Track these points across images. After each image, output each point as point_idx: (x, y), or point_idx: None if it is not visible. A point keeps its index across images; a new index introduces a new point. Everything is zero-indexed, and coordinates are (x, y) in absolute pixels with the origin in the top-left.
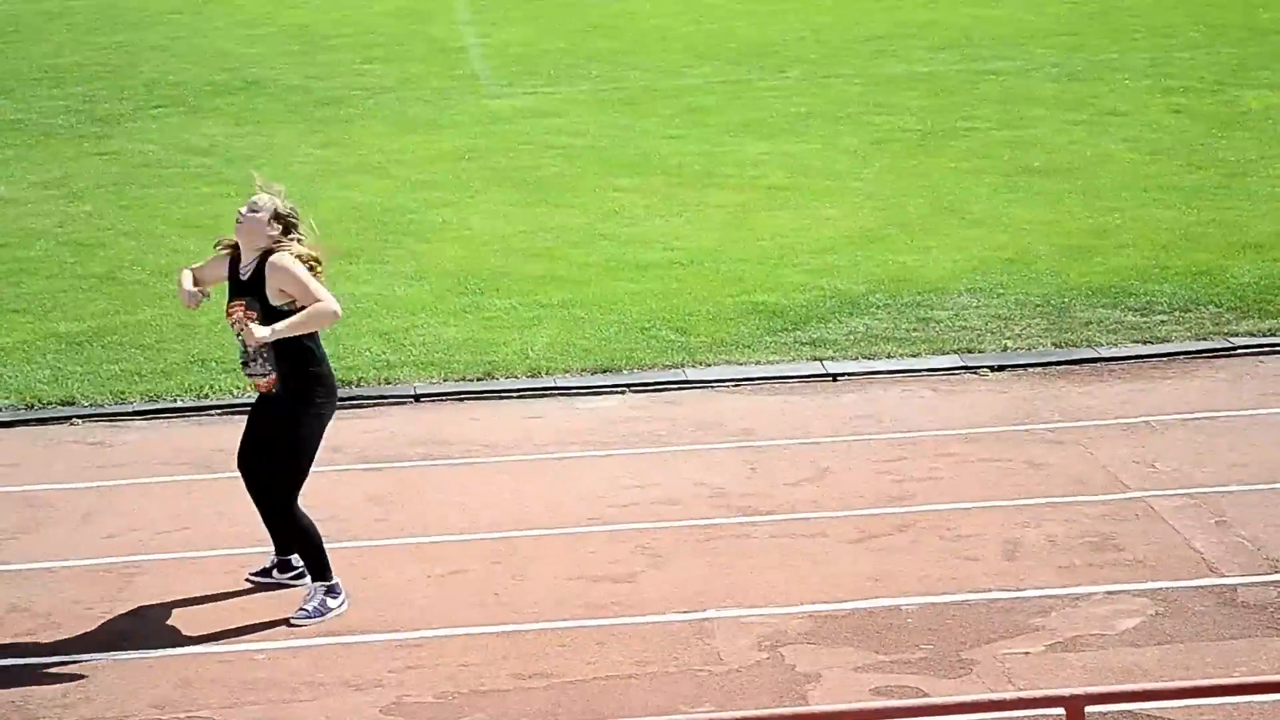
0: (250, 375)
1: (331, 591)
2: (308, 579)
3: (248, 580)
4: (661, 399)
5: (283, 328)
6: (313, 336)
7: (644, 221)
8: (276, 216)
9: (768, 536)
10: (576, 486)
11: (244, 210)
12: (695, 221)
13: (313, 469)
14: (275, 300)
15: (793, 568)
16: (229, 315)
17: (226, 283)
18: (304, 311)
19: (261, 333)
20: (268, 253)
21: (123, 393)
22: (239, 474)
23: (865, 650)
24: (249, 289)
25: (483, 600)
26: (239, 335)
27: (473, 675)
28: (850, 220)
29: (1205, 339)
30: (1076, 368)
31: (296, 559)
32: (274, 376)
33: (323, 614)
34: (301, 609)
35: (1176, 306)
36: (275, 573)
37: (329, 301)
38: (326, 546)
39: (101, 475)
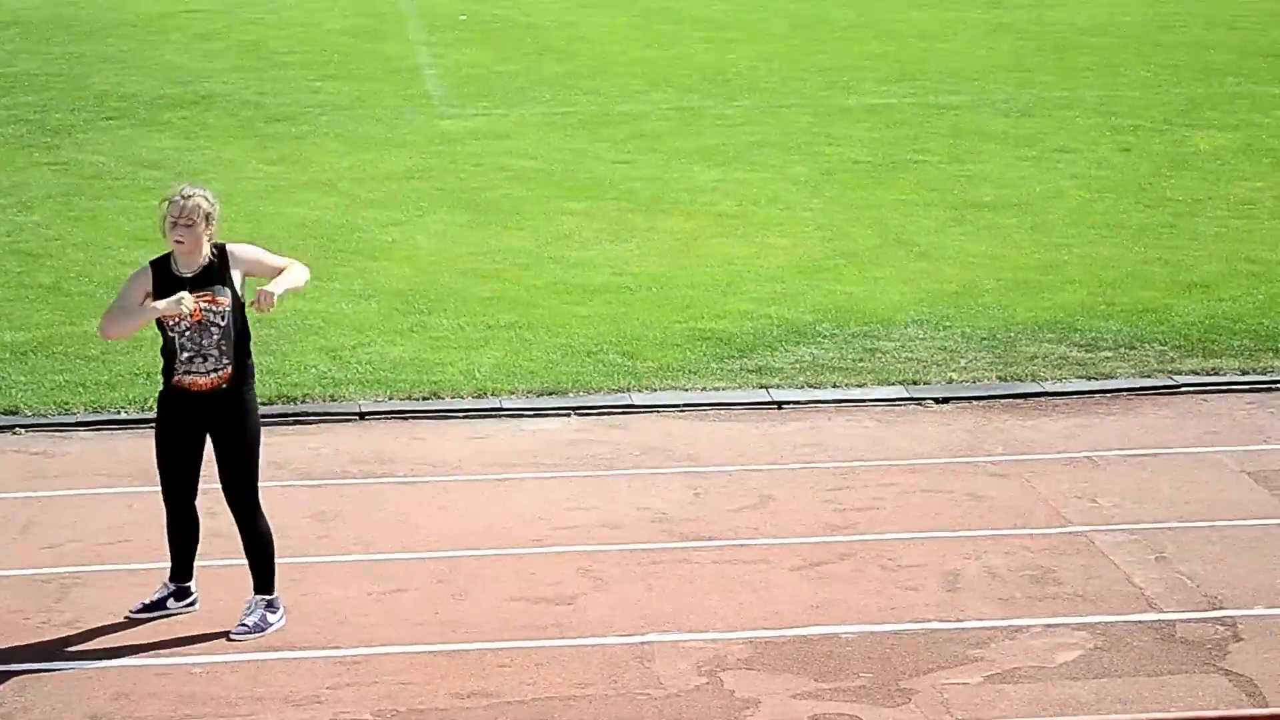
0: (203, 374)
1: (271, 606)
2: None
3: (128, 617)
4: (607, 423)
5: (281, 289)
6: (242, 324)
7: (593, 245)
8: (208, 219)
9: (710, 562)
10: (520, 508)
11: (181, 231)
12: (644, 247)
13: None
14: (239, 286)
15: (734, 594)
16: (194, 313)
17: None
18: (290, 274)
19: (274, 289)
20: (216, 247)
21: (66, 403)
22: (166, 504)
23: (804, 677)
24: (203, 281)
25: (423, 619)
26: (195, 333)
27: (411, 694)
28: (799, 249)
29: (1150, 376)
30: (1021, 401)
31: (194, 586)
32: (229, 370)
33: (263, 629)
34: (242, 624)
35: (1122, 343)
36: (171, 601)
37: (297, 263)
38: None
39: (43, 485)
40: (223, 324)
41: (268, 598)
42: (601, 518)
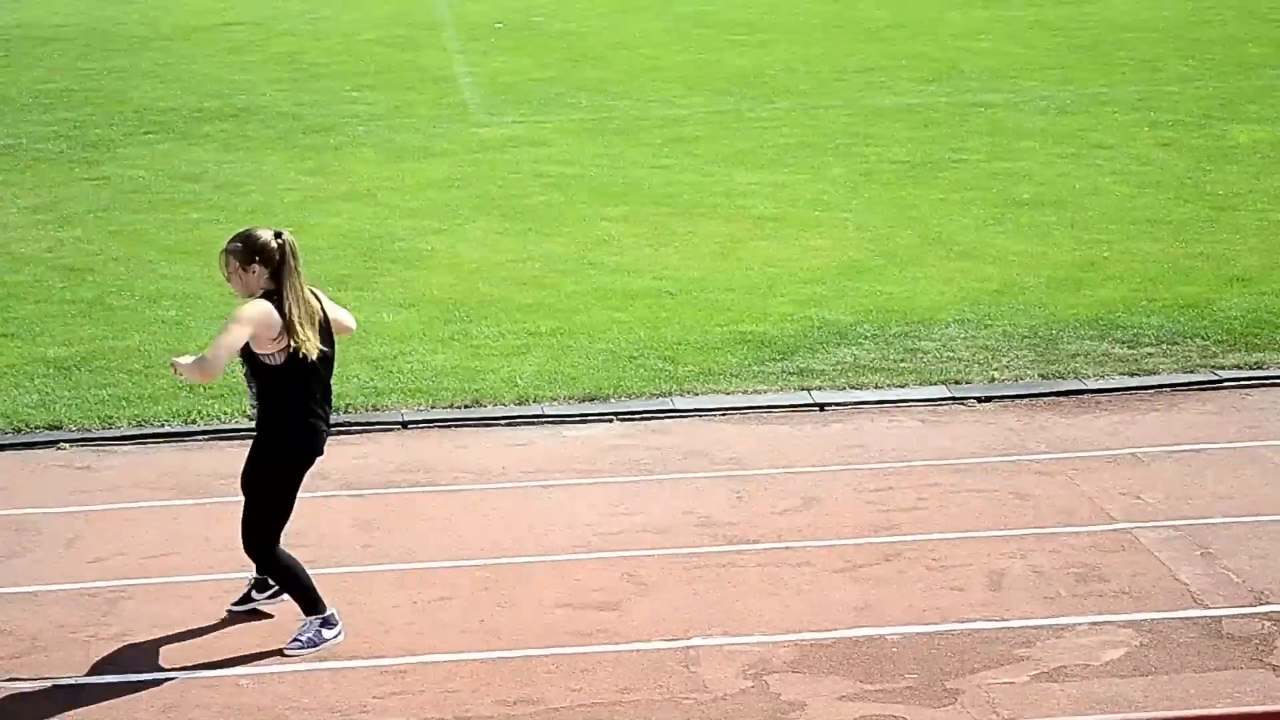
0: (250, 416)
1: (327, 623)
2: (289, 600)
3: (229, 612)
4: (649, 427)
5: (182, 364)
6: (294, 386)
7: (632, 251)
8: (228, 260)
9: (754, 565)
10: (563, 514)
11: (226, 279)
12: (684, 251)
13: (301, 495)
14: (255, 347)
15: (778, 596)
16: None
17: None
18: (196, 358)
19: (180, 361)
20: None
21: (110, 417)
22: (232, 498)
23: (850, 679)
24: None
25: (468, 627)
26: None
27: (457, 702)
28: (838, 251)
29: (1192, 371)
30: (1063, 399)
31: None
32: (260, 420)
33: (316, 644)
34: (296, 639)
35: (1163, 339)
36: (254, 593)
37: (211, 360)
38: (313, 573)
39: (88, 500)
40: (250, 377)
41: (322, 616)
42: (645, 522)
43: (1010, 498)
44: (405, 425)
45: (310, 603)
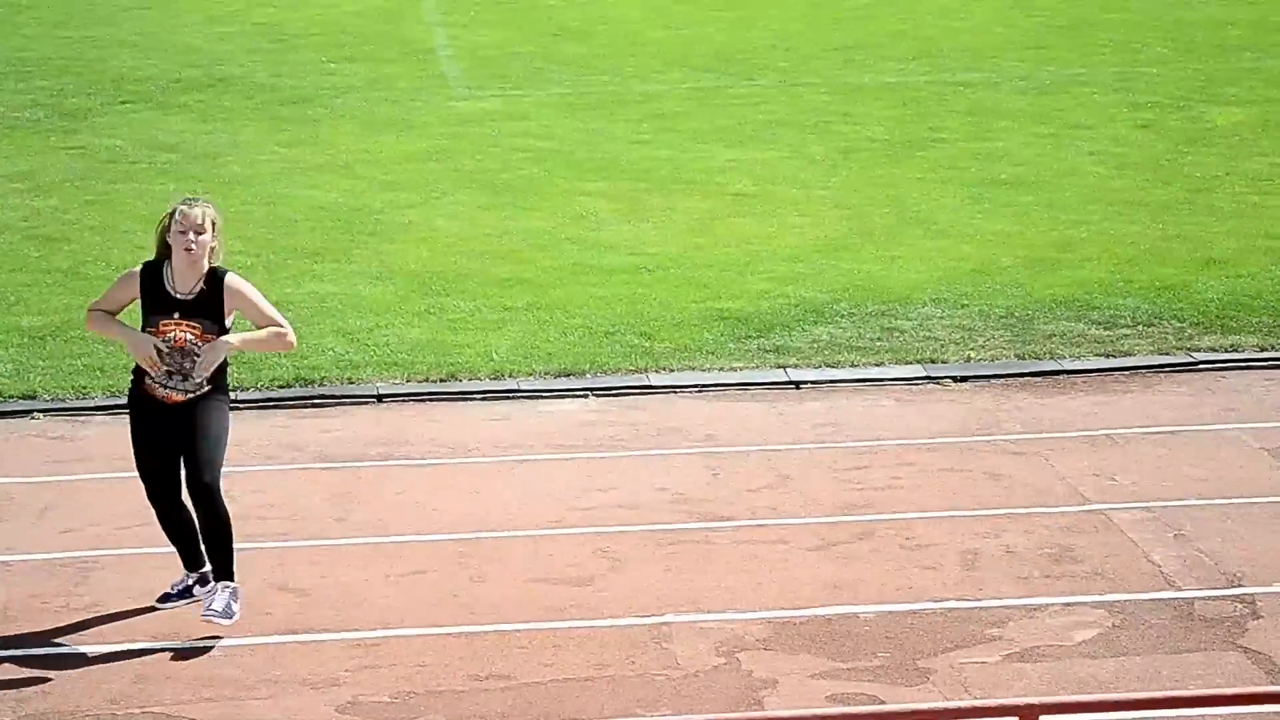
0: (180, 391)
1: (236, 595)
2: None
3: (154, 607)
4: (625, 403)
5: (244, 344)
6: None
7: (610, 226)
8: (214, 225)
9: (728, 542)
10: (538, 489)
11: (191, 236)
12: (662, 227)
13: (275, 467)
14: (229, 321)
15: (752, 574)
16: (162, 332)
17: (139, 300)
18: (269, 333)
19: (221, 348)
20: (215, 272)
21: (85, 388)
22: (153, 504)
23: (822, 657)
24: (195, 310)
25: (441, 601)
26: (176, 354)
27: (429, 675)
28: (816, 229)
29: (1168, 354)
30: (1039, 380)
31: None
32: (206, 389)
33: (231, 616)
34: (211, 608)
35: (1140, 320)
36: (196, 589)
37: (290, 331)
38: (286, 545)
39: (62, 470)
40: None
41: (232, 585)
42: (619, 498)
43: (984, 478)
44: (380, 399)
45: (230, 564)
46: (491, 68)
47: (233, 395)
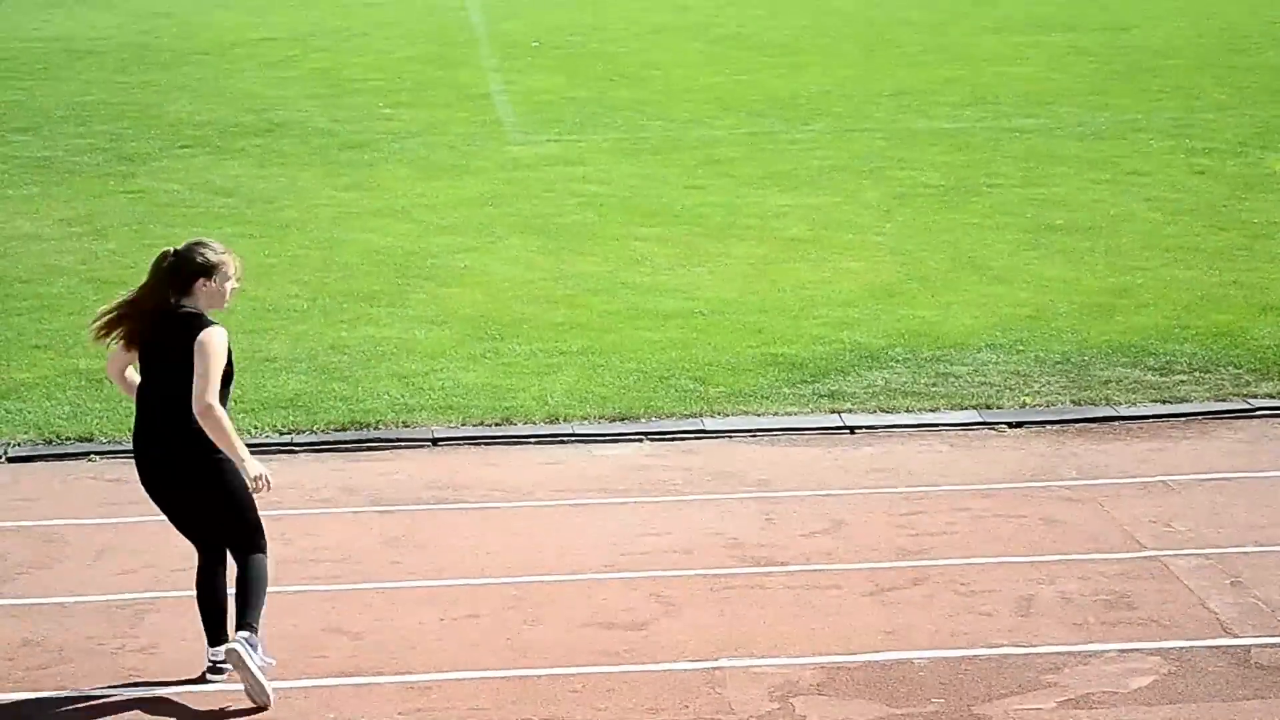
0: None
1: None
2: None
3: (208, 677)
4: (679, 448)
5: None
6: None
7: (665, 271)
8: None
9: (782, 587)
10: (592, 533)
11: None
12: (716, 272)
13: (330, 510)
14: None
15: (806, 619)
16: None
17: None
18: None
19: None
20: (196, 320)
21: None
22: (262, 510)
23: (876, 703)
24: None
25: (495, 645)
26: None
27: (482, 719)
28: (871, 274)
29: (1224, 400)
30: (1095, 426)
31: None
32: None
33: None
34: (265, 656)
35: (1196, 367)
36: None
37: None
38: (340, 589)
39: (118, 512)
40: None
41: (257, 635)
42: (673, 543)
43: (1040, 523)
44: (435, 442)
45: (257, 617)
46: (547, 113)
47: (290, 437)
